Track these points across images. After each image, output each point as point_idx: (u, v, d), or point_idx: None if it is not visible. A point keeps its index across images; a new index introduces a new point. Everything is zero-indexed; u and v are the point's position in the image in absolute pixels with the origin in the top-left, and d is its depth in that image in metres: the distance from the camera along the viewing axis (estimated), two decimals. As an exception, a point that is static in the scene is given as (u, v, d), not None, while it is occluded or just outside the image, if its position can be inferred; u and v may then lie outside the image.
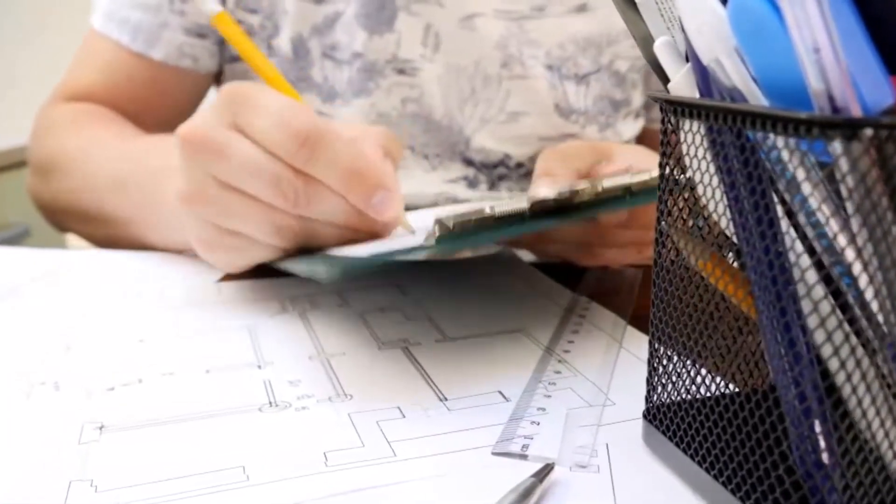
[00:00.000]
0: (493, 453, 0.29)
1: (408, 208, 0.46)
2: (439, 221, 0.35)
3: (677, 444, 0.27)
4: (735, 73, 0.23)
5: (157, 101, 0.68)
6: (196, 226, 0.42)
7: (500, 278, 0.51)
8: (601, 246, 0.52)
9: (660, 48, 0.26)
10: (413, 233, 0.42)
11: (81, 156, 0.61)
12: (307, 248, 0.42)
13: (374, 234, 0.42)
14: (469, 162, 0.65)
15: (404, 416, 0.32)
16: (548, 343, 0.40)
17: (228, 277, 0.51)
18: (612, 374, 0.36)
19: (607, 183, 0.40)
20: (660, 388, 0.29)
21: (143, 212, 0.55)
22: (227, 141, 0.39)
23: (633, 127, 0.70)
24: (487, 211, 0.36)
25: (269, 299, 0.47)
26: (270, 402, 0.34)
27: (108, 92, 0.67)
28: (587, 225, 0.50)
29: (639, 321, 0.43)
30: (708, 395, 0.26)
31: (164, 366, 0.37)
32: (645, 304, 0.47)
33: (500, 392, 0.34)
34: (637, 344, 0.40)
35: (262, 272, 0.52)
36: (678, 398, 0.28)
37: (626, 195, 0.41)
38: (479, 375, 0.36)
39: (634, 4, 0.27)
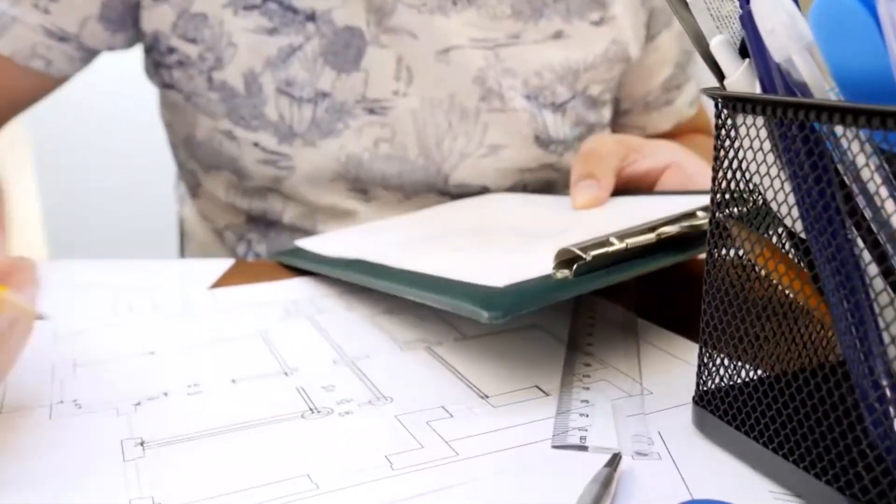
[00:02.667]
0: (553, 446, 0.30)
1: None
2: (568, 251, 0.35)
3: (737, 428, 0.28)
4: (806, 70, 0.24)
5: None
6: None
7: None
8: None
9: (716, 47, 0.27)
10: None
11: None
12: None
13: None
14: (445, 194, 0.64)
15: (452, 416, 0.32)
16: (568, 337, 0.40)
17: (221, 283, 0.50)
18: (640, 365, 0.37)
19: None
20: (707, 374, 0.30)
21: None
22: None
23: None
24: (618, 244, 0.37)
25: (270, 304, 0.46)
26: (311, 409, 0.33)
27: None
28: None
29: (643, 312, 0.44)
30: (775, 377, 0.27)
31: (186, 378, 0.36)
32: (642, 297, 0.48)
33: (538, 387, 0.35)
34: (651, 334, 0.41)
35: (258, 274, 0.51)
36: (737, 382, 0.29)
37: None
38: (512, 371, 0.37)
39: (686, 4, 0.27)
